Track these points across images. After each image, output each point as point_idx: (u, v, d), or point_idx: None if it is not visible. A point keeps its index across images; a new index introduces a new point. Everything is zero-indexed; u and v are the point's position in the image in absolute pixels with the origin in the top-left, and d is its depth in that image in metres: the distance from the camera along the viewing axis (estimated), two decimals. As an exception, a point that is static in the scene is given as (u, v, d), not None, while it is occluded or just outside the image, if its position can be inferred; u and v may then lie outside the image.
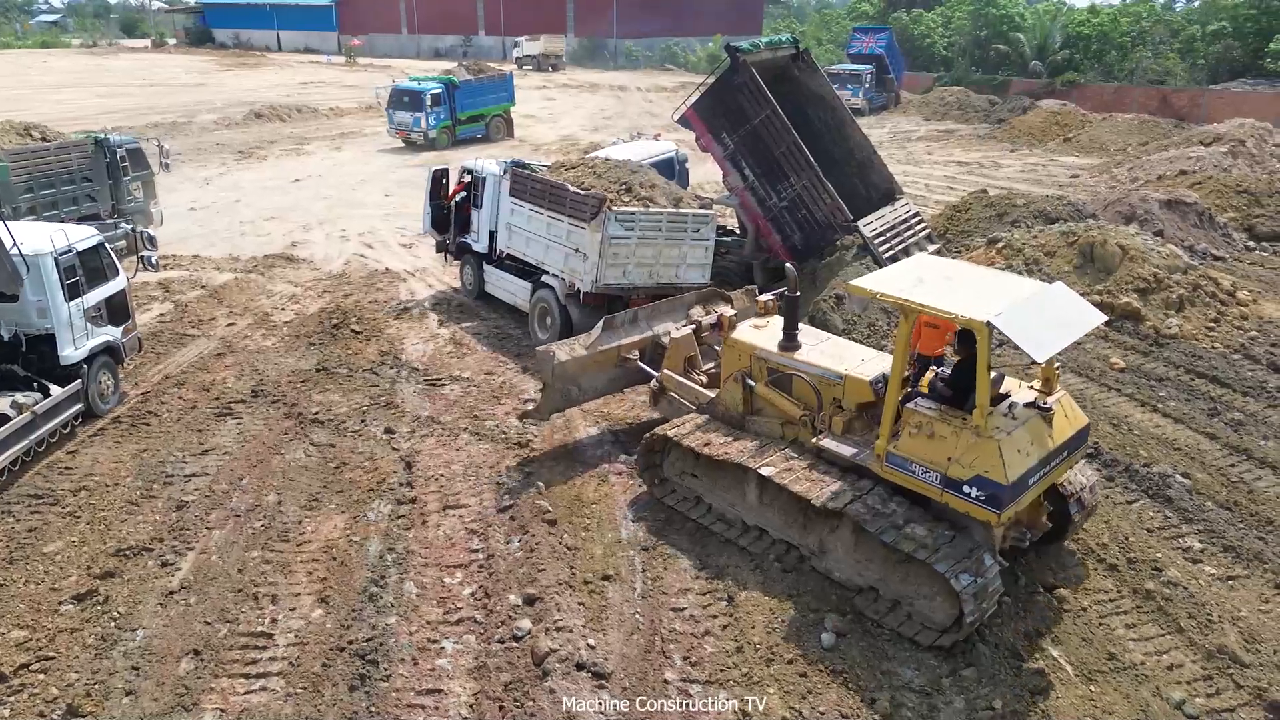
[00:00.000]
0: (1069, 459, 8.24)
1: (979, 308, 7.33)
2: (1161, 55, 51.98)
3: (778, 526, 9.02)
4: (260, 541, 9.28)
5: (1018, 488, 7.45)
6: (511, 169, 14.83)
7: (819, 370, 8.99)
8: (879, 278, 8.48)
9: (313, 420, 11.81)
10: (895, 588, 8.14)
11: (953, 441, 7.61)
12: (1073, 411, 8.27)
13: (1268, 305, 16.36)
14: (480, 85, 35.92)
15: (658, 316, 11.36)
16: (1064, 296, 7.98)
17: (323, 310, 15.72)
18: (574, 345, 10.77)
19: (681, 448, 9.54)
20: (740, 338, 9.74)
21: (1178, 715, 7.39)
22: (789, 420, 9.18)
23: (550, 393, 10.60)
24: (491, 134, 35.94)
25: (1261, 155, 26.79)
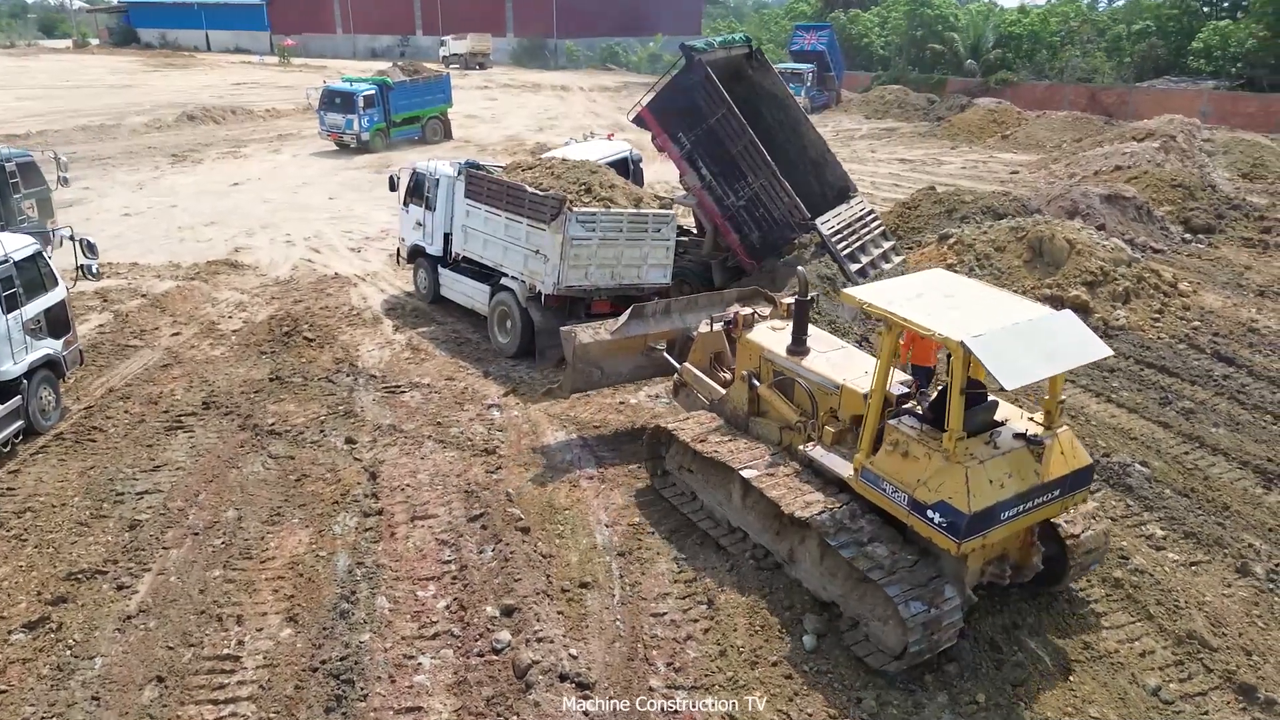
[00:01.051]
0: (1064, 499, 7.76)
1: (959, 327, 7.08)
2: (1089, 54, 53.51)
3: (756, 530, 8.94)
4: (221, 560, 8.92)
5: (983, 519, 7.09)
6: (466, 170, 14.56)
7: (818, 377, 8.81)
8: (872, 289, 8.31)
9: (269, 432, 11.43)
10: (854, 606, 7.92)
11: (924, 463, 7.37)
12: (1072, 449, 7.79)
13: (1208, 296, 16.89)
14: (416, 86, 35.13)
15: (692, 310, 11.29)
16: (1066, 326, 7.54)
17: (272, 317, 15.26)
18: (598, 329, 10.82)
19: (678, 441, 9.48)
20: (753, 338, 9.63)
21: (1154, 701, 7.52)
22: (787, 425, 9.05)
23: (572, 372, 10.73)
24: (428, 136, 35.19)
25: (1191, 150, 27.67)
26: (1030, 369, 7.07)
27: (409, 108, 34.38)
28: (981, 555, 7.75)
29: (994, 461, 7.30)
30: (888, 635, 7.62)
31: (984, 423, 7.60)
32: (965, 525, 7.03)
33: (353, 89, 32.89)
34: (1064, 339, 7.42)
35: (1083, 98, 46.82)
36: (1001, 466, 7.32)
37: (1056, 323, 7.54)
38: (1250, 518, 10.08)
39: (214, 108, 41.50)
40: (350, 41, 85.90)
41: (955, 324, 7.19)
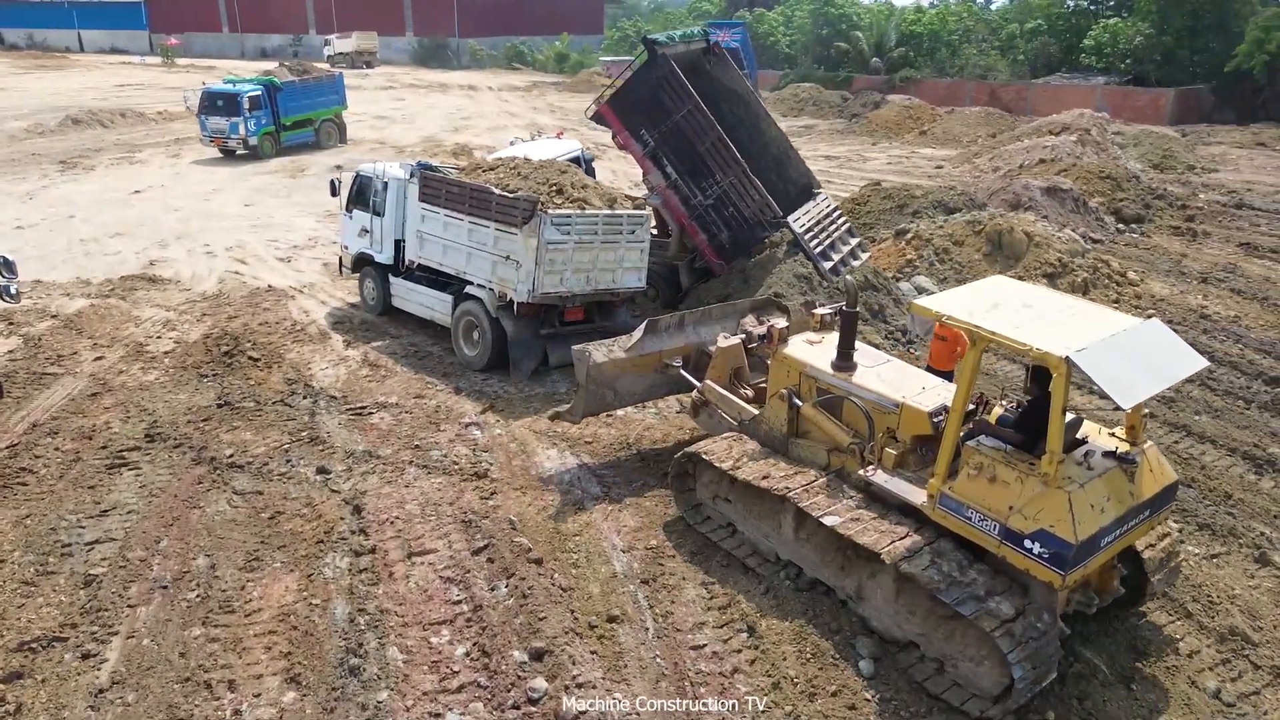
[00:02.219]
0: (1151, 519, 7.29)
1: (1059, 341, 6.50)
2: (985, 53, 55.31)
3: (813, 565, 8.20)
4: (199, 616, 7.88)
5: (1088, 548, 6.58)
6: (420, 172, 13.62)
7: (873, 395, 8.16)
8: (945, 300, 7.67)
9: (229, 465, 10.32)
10: (939, 646, 7.27)
11: (1016, 489, 6.74)
12: (1159, 466, 7.35)
13: (1155, 284, 17.29)
14: (306, 87, 32.97)
15: (706, 323, 10.62)
16: (1159, 335, 7.11)
17: (208, 336, 13.98)
18: (613, 347, 10.01)
19: (715, 469, 8.73)
20: (791, 353, 8.91)
21: (1217, 705, 7.34)
22: (836, 447, 8.37)
23: (584, 394, 9.87)
24: (322, 140, 33.13)
25: (1105, 143, 28.64)
26: (1142, 385, 6.62)
27: (300, 110, 32.22)
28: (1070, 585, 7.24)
29: (1092, 484, 6.75)
30: (982, 676, 7.01)
31: (1071, 442, 7.01)
32: (1072, 556, 6.47)
33: (236, 90, 30.47)
34: (1162, 350, 6.98)
35: (984, 94, 48.32)
36: (1100, 489, 6.79)
37: (1151, 333, 7.08)
38: (1253, 505, 10.13)
39: (100, 111, 38.80)
40: (238, 41, 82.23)
41: (1053, 338, 6.60)
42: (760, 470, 8.48)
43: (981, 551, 7.16)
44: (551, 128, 31.38)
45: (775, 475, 8.36)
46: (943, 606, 7.04)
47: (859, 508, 7.85)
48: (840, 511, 7.84)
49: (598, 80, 53.78)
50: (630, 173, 26.87)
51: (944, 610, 7.07)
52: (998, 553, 6.95)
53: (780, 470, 8.44)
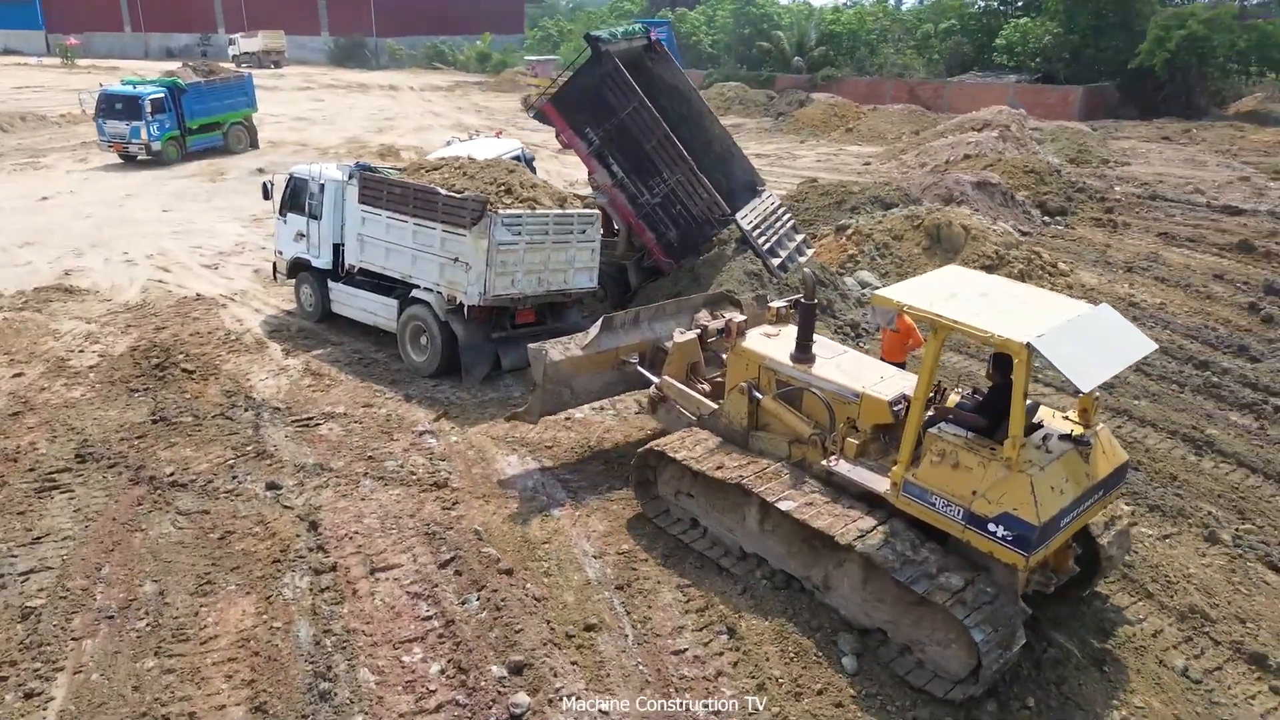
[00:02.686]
0: (1105, 498, 7.57)
1: (1019, 328, 6.65)
2: (902, 52, 56.58)
3: (778, 556, 8.20)
4: (151, 646, 7.42)
5: (1049, 529, 6.74)
6: (360, 173, 13.17)
7: (833, 386, 8.21)
8: (907, 289, 7.71)
9: (170, 484, 9.78)
10: (906, 632, 7.38)
11: (979, 474, 6.88)
12: (1111, 447, 7.58)
13: (1084, 274, 17.83)
14: (213, 89, 31.29)
15: (661, 319, 10.54)
16: (1111, 320, 7.33)
17: (135, 349, 13.27)
18: (569, 345, 9.89)
19: (677, 464, 8.67)
20: (750, 346, 8.93)
21: (1186, 682, 7.52)
22: (797, 439, 8.38)
23: (541, 394, 9.74)
24: (231, 144, 31.52)
25: (1024, 138, 29.50)
26: (1098, 369, 6.80)
27: (207, 112, 30.58)
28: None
29: (1051, 467, 6.91)
30: (950, 660, 7.12)
31: (1028, 427, 7.17)
32: (1035, 537, 6.61)
33: (137, 92, 28.64)
34: (1114, 334, 7.19)
35: (903, 92, 49.40)
36: (1058, 471, 6.96)
37: (1103, 318, 7.26)
38: (1198, 486, 10.46)
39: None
40: (142, 40, 79.14)
41: (1013, 325, 6.74)
42: (721, 463, 8.47)
43: (945, 537, 7.27)
44: (478, 128, 30.89)
45: (736, 467, 8.35)
46: (908, 592, 7.14)
47: (818, 496, 7.90)
48: (795, 497, 7.90)
49: (522, 80, 53.39)
50: (565, 173, 26.67)
51: (910, 596, 7.17)
52: (962, 537, 7.07)
53: (741, 462, 8.44)
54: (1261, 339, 14.67)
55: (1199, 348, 14.33)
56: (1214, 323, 15.37)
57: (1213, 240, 20.17)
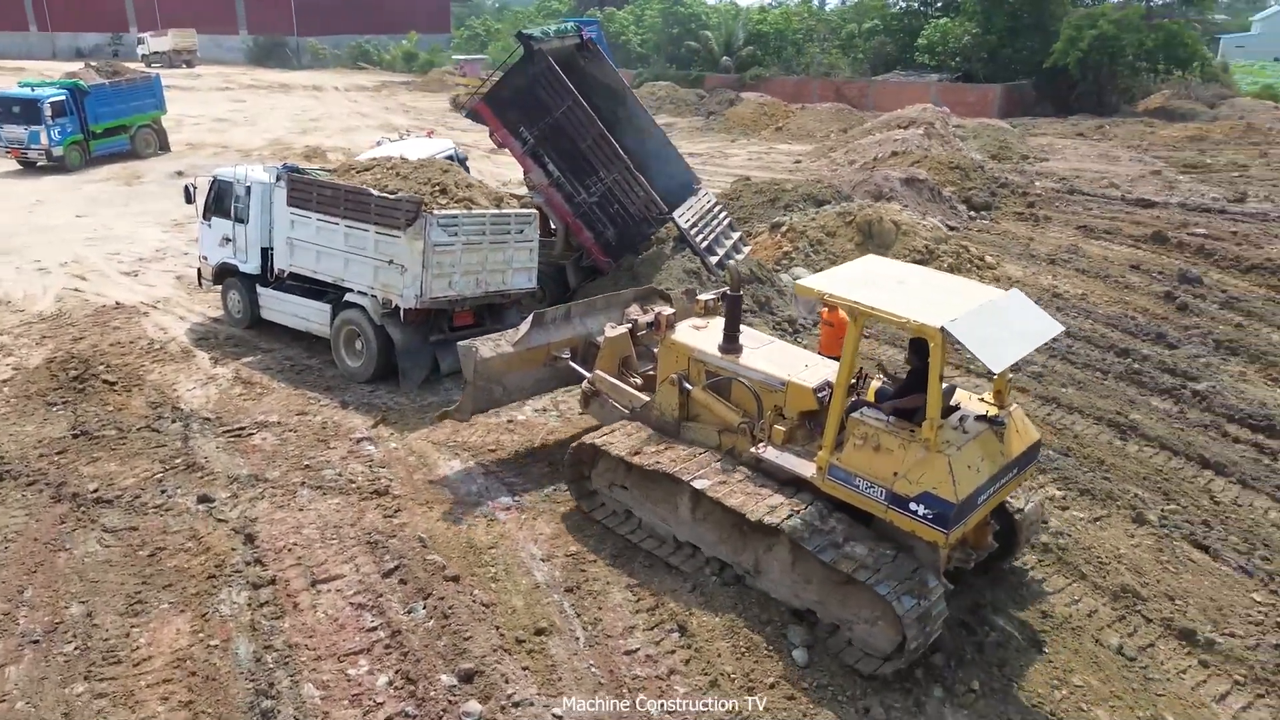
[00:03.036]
0: (1019, 476, 7.88)
1: (933, 313, 6.87)
2: (827, 51, 57.50)
3: (711, 543, 8.34)
4: (81, 670, 7.10)
5: (967, 506, 7.01)
6: (287, 175, 12.82)
7: (760, 375, 8.37)
8: (827, 278, 7.92)
9: (95, 500, 9.37)
10: (834, 611, 7.59)
11: (900, 455, 7.10)
12: (1024, 426, 7.88)
13: (1009, 267, 18.33)
14: (119, 90, 29.73)
15: (591, 314, 10.62)
16: (1020, 304, 7.60)
17: (52, 360, 12.68)
18: (499, 341, 9.90)
19: (610, 457, 8.75)
20: (679, 339, 9.05)
21: (1122, 660, 7.76)
22: (726, 428, 8.53)
23: (472, 391, 9.73)
24: (139, 148, 30.00)
25: (948, 135, 30.19)
26: (1009, 350, 7.06)
27: (112, 115, 29.04)
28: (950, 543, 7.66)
29: (968, 446, 7.18)
30: (876, 636, 7.35)
31: (945, 409, 7.44)
32: (954, 514, 6.86)
33: (36, 95, 27.13)
34: (1024, 317, 7.44)
35: (829, 91, 50.18)
36: (975, 451, 7.21)
37: (1013, 302, 7.55)
38: (1124, 469, 10.82)
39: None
40: (49, 40, 75.86)
41: (928, 310, 6.97)
42: (652, 454, 8.59)
43: (871, 519, 7.50)
44: (408, 128, 30.36)
45: (666, 457, 8.48)
46: (834, 573, 7.37)
47: (737, 479, 8.07)
48: (711, 477, 8.10)
49: (450, 79, 52.74)
50: (498, 173, 26.41)
51: (837, 576, 7.39)
52: (885, 517, 7.29)
53: (671, 452, 8.56)
54: (1177, 326, 15.26)
55: (1120, 336, 14.84)
56: (1133, 311, 15.95)
57: (1128, 232, 20.93)
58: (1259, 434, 11.58)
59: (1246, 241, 19.63)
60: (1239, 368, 13.61)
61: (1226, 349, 14.21)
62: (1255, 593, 8.61)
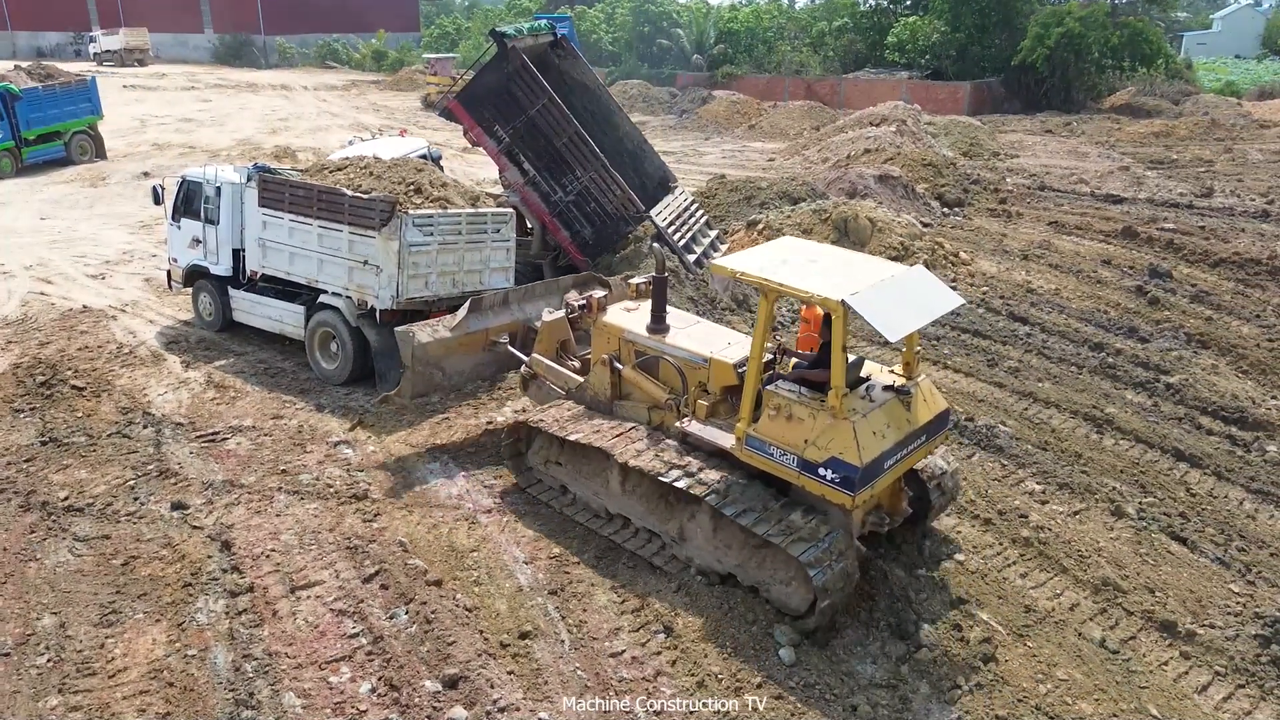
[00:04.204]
0: (929, 443, 8.25)
1: (836, 288, 7.30)
2: (798, 49, 57.70)
3: (640, 514, 8.74)
4: (54, 683, 6.93)
5: (872, 470, 7.37)
6: (259, 175, 12.62)
7: (684, 353, 8.78)
8: (741, 257, 8.38)
9: (65, 508, 9.16)
10: (753, 574, 7.99)
11: (809, 424, 7.49)
12: (932, 396, 8.29)
13: (983, 263, 18.45)
14: (53, 95, 28.44)
15: (530, 300, 10.99)
16: (923, 280, 8.05)
17: (17, 366, 12.42)
18: (437, 327, 10.26)
19: (544, 434, 9.22)
20: (610, 320, 9.48)
21: (1105, 653, 7.80)
22: (655, 405, 8.93)
23: (411, 375, 10.08)
24: (74, 155, 28.65)
25: (919, 132, 30.40)
26: (906, 321, 7.49)
27: (46, 121, 27.62)
28: (863, 507, 8.05)
29: (874, 414, 7.61)
30: (791, 596, 7.75)
31: (854, 380, 7.93)
32: (859, 477, 7.25)
33: None
34: (925, 291, 7.90)
35: (800, 89, 50.36)
36: (880, 418, 7.65)
37: (915, 277, 8.01)
38: (1101, 462, 10.91)
39: None
40: (9, 39, 74.49)
41: (831, 285, 7.40)
42: (583, 429, 8.95)
43: (789, 487, 7.87)
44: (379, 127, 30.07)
45: (596, 432, 8.84)
46: (752, 537, 7.76)
47: (663, 451, 8.42)
48: (636, 449, 8.47)
49: (420, 78, 52.30)
50: (471, 172, 26.21)
51: (755, 540, 7.79)
52: (797, 482, 7.66)
53: (606, 430, 8.89)
54: (1149, 320, 15.43)
55: (1093, 330, 14.98)
56: (1105, 306, 16.10)
57: (1099, 228, 21.15)
58: (1231, 426, 11.73)
59: (1214, 236, 19.91)
60: (1210, 360, 13.78)
61: (1198, 342, 14.38)
62: (1233, 583, 8.70)
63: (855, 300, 7.11)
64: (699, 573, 8.24)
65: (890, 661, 7.54)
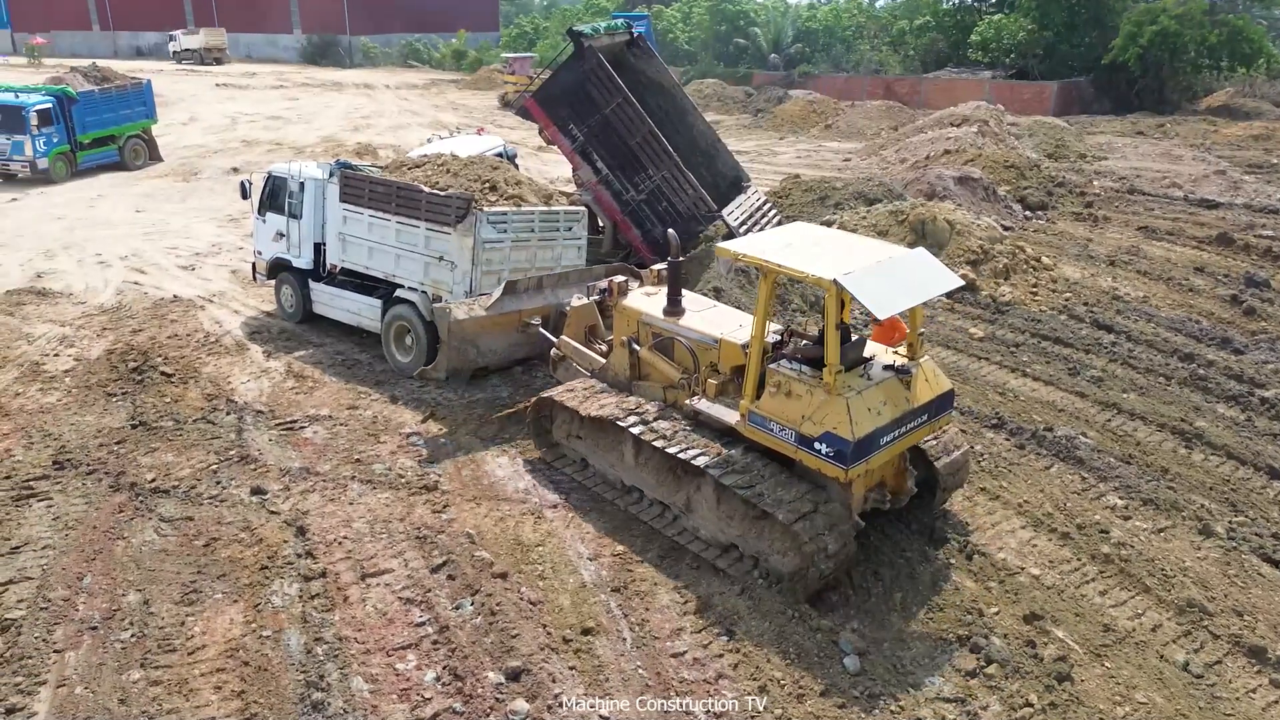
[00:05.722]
0: (931, 423, 8.45)
1: (829, 268, 7.54)
2: (877, 48, 56.76)
3: (651, 486, 9.13)
4: (137, 658, 7.21)
5: (865, 445, 7.60)
6: (340, 171, 12.94)
7: (696, 334, 9.14)
8: (746, 241, 8.87)
9: (152, 490, 9.53)
10: (753, 544, 8.26)
11: (807, 400, 7.78)
12: (934, 377, 8.47)
13: (1067, 268, 17.87)
14: (108, 98, 27.76)
15: (563, 286, 11.43)
16: (922, 261, 8.26)
17: (111, 352, 12.98)
18: (473, 305, 10.87)
19: (565, 408, 9.68)
20: (629, 304, 9.91)
21: (1188, 677, 7.49)
22: (669, 384, 9.31)
23: (447, 351, 10.76)
24: (128, 159, 27.92)
25: (1002, 133, 29.61)
26: (897, 300, 7.64)
27: (101, 125, 26.96)
28: (864, 483, 8.30)
29: (870, 391, 7.86)
30: (786, 565, 7.99)
31: (855, 359, 8.17)
32: (851, 451, 7.48)
33: (20, 101, 25.10)
34: (922, 272, 8.08)
35: (879, 88, 49.52)
36: (877, 395, 7.89)
37: (913, 259, 8.22)
38: (1189, 479, 10.46)
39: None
40: (110, 39, 77.95)
41: (826, 266, 7.65)
42: (599, 404, 9.40)
43: (792, 465, 8.14)
44: (457, 125, 30.55)
45: (615, 410, 9.27)
46: (751, 508, 8.04)
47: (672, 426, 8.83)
48: (646, 423, 8.91)
49: (498, 77, 52.96)
50: (545, 170, 26.45)
51: (755, 512, 8.06)
52: (795, 457, 7.96)
53: (621, 405, 9.34)
54: (1244, 331, 14.76)
55: (1183, 340, 14.38)
56: (1197, 315, 15.45)
57: (1192, 233, 20.31)
58: (1331, 444, 11.13)
59: (1317, 244, 18.94)
60: (1310, 375, 13.10)
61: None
62: (1329, 610, 8.26)
63: (847, 280, 7.34)
64: (705, 544, 8.59)
65: (959, 675, 7.36)
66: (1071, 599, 8.31)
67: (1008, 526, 9.39)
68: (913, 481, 8.75)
